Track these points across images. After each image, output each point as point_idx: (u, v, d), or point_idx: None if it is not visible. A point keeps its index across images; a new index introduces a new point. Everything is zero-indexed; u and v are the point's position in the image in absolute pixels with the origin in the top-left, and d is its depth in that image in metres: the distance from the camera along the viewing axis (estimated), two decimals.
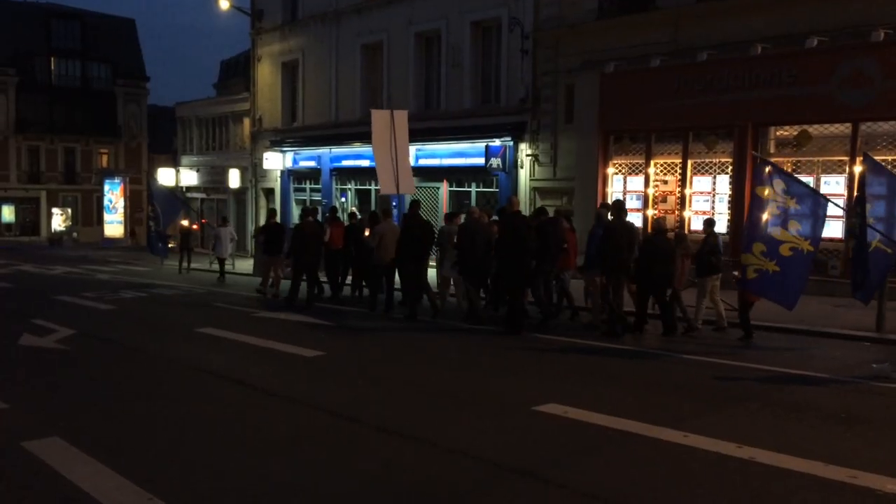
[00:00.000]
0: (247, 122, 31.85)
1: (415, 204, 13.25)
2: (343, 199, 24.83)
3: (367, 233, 14.43)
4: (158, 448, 5.62)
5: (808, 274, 9.99)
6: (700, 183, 16.07)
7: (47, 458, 5.27)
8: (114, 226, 42.78)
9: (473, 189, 21.14)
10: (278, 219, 19.53)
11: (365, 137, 22.93)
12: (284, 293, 14.65)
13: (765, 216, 9.60)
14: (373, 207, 22.12)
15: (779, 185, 9.60)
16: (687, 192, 16.21)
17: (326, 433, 6.02)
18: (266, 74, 28.84)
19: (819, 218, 9.80)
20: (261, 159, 28.20)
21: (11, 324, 11.64)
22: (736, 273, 10.77)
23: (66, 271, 22.85)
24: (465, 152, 20.69)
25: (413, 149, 22.03)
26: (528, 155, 19.55)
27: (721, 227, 15.67)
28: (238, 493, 4.71)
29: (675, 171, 16.23)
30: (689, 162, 16.20)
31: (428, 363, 9.14)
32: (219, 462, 5.29)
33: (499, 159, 19.66)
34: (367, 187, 24.32)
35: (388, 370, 8.61)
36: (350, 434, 5.99)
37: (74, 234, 46.56)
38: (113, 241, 41.17)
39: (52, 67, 53.68)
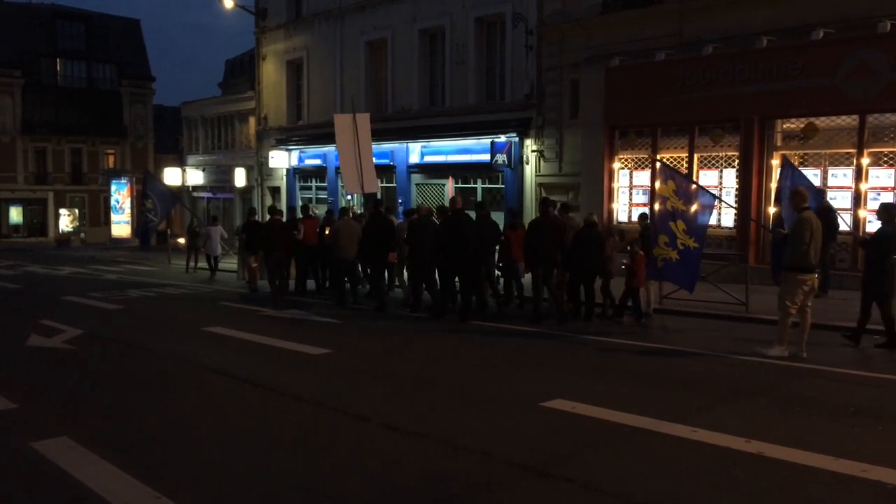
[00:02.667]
0: (252, 120, 31.90)
1: (377, 203, 13.92)
2: (350, 197, 24.82)
3: (327, 231, 15.17)
4: (167, 447, 5.63)
5: (699, 266, 10.86)
6: (706, 177, 16.00)
7: (56, 457, 5.28)
8: (121, 226, 42.87)
9: (479, 185, 21.13)
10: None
11: (372, 135, 23.09)
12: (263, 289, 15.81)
13: (666, 210, 10.71)
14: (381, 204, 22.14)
15: (671, 185, 10.68)
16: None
17: (334, 431, 6.02)
18: (271, 73, 28.86)
19: (703, 216, 10.77)
20: (266, 158, 28.24)
21: (19, 324, 11.68)
22: (625, 262, 11.90)
23: (73, 271, 22.92)
24: (470, 149, 20.66)
25: (418, 146, 22.17)
26: (533, 151, 19.53)
27: (728, 220, 15.63)
28: (246, 492, 4.71)
29: (682, 165, 16.17)
30: (696, 156, 16.14)
31: (434, 360, 9.13)
32: (227, 461, 5.30)
33: (504, 155, 19.63)
34: None
35: (395, 367, 8.61)
36: (357, 432, 5.99)
37: (82, 235, 46.68)
38: (120, 241, 41.26)
39: (58, 68, 53.78)
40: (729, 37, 15.28)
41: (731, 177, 15.69)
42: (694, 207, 10.61)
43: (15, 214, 53.29)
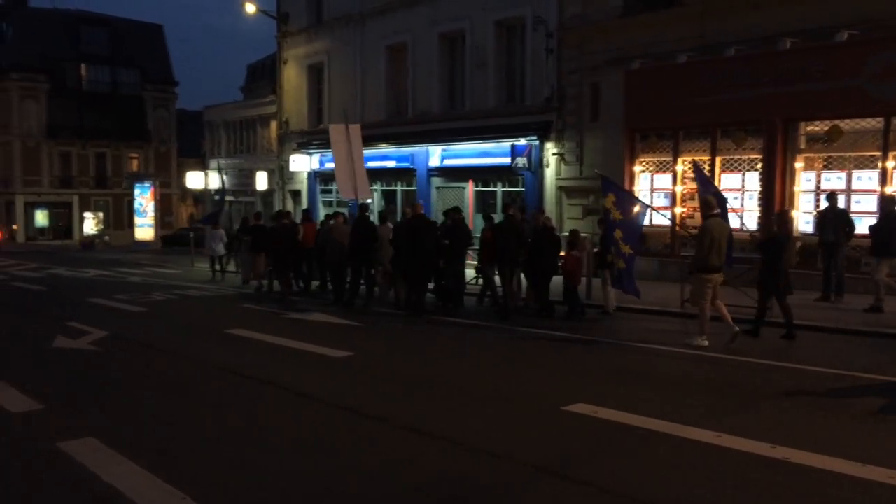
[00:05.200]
0: (274, 124, 32.12)
1: (362, 207, 14.79)
2: (370, 200, 24.92)
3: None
4: (191, 448, 5.69)
5: (634, 270, 11.51)
6: (729, 180, 15.89)
7: (82, 458, 5.35)
8: (144, 229, 43.31)
9: (499, 189, 21.12)
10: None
11: (391, 138, 23.26)
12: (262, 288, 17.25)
13: (610, 221, 11.47)
14: (398, 207, 22.23)
15: (610, 197, 11.38)
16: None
17: (355, 433, 6.06)
18: (292, 77, 29.05)
19: (636, 225, 11.62)
20: (287, 161, 28.41)
21: (46, 326, 11.85)
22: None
23: (98, 274, 23.19)
24: (490, 152, 20.67)
25: (438, 149, 22.22)
26: (553, 154, 19.49)
27: (752, 223, 15.51)
28: (269, 493, 4.75)
29: (704, 168, 16.04)
30: (718, 159, 16.02)
31: (455, 362, 9.14)
32: (250, 462, 5.34)
33: (524, 158, 19.61)
34: (393, 188, 24.42)
35: (416, 370, 8.64)
36: (379, 434, 6.02)
37: (106, 238, 47.25)
38: (143, 244, 41.71)
39: (83, 73, 54.49)
40: (751, 38, 15.16)
41: (753, 180, 15.56)
42: (628, 214, 11.37)
43: (41, 218, 54.02)
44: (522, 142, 19.69)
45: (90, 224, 53.49)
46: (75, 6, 56.38)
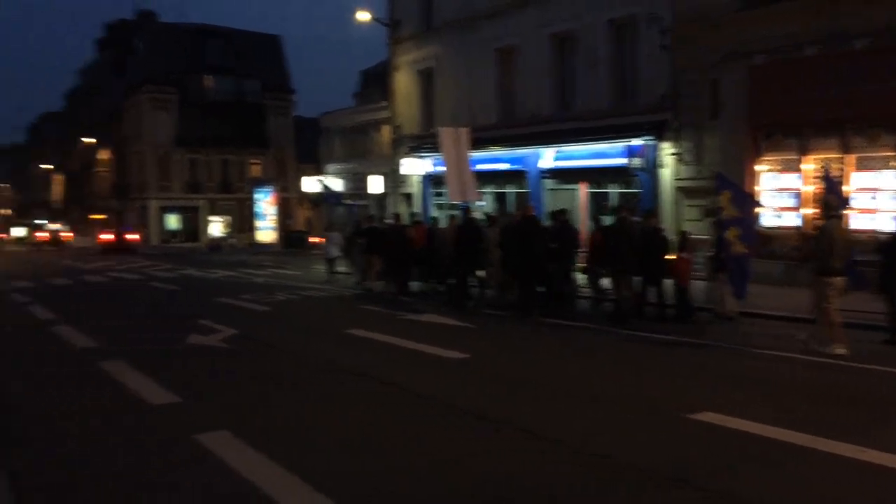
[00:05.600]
0: (386, 129, 32.81)
1: (466, 210, 15.23)
2: (482, 204, 25.06)
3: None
4: (318, 444, 5.92)
5: (750, 270, 11.76)
6: (861, 179, 15.00)
7: (218, 450, 5.66)
8: (266, 232, 45.19)
9: (613, 190, 20.78)
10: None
11: (502, 141, 23.30)
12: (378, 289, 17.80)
13: (724, 219, 11.53)
14: (508, 210, 22.22)
15: (727, 195, 11.44)
16: (847, 188, 15.16)
17: (475, 435, 6.13)
18: (404, 82, 29.59)
19: (754, 224, 11.51)
20: (400, 165, 28.96)
21: (180, 324, 12.59)
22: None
23: (225, 275, 24.39)
24: (603, 153, 20.36)
25: (551, 151, 22.09)
26: (670, 154, 18.99)
27: (888, 224, 14.58)
28: (394, 495, 4.89)
29: (835, 167, 15.22)
30: (849, 157, 15.17)
31: (573, 365, 9.08)
32: (371, 459, 5.51)
33: (640, 159, 19.21)
34: (504, 190, 24.45)
35: (534, 373, 8.63)
36: (497, 437, 6.06)
37: (233, 241, 49.58)
38: (265, 246, 43.54)
39: (207, 84, 57.49)
40: (884, 29, 14.28)
41: (889, 179, 14.63)
42: (746, 213, 11.32)
43: (172, 221, 57.40)
44: (637, 142, 19.29)
45: (217, 227, 56.38)
46: (200, 21, 59.54)
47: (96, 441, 6.10)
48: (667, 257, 12.58)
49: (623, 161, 19.43)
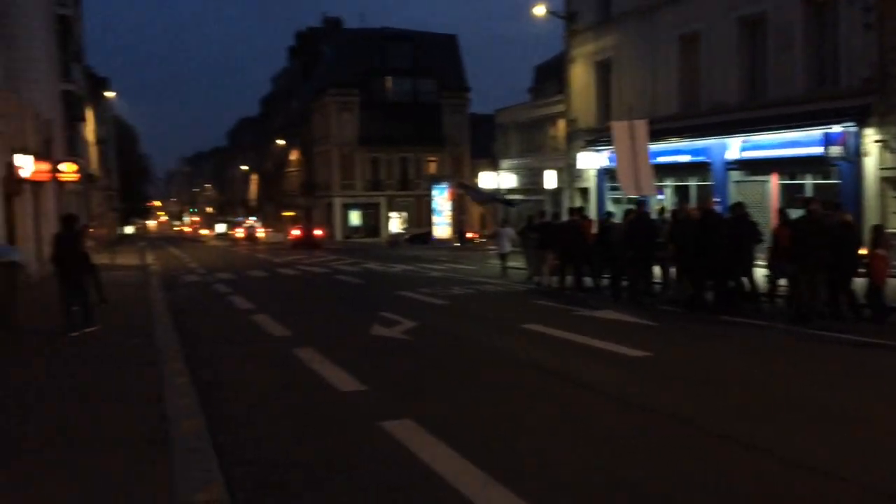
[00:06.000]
0: (561, 123, 32.51)
1: (640, 204, 14.99)
2: (661, 197, 24.20)
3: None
4: (496, 436, 5.92)
5: None
6: None
7: (402, 437, 5.82)
8: (442, 227, 46.31)
9: (808, 181, 19.29)
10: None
11: (684, 132, 22.35)
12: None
13: None
14: (692, 204, 21.25)
15: None
16: None
17: (659, 435, 5.89)
18: (580, 75, 29.15)
19: None
20: (575, 159, 28.58)
21: (364, 315, 13.14)
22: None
23: (403, 269, 25.25)
24: (797, 141, 18.94)
25: (737, 141, 20.91)
26: (875, 141, 17.34)
27: None
28: (578, 488, 4.79)
29: None
30: None
31: (764, 367, 8.49)
32: (552, 454, 5.43)
33: (840, 147, 17.69)
34: (686, 183, 23.45)
35: (721, 373, 8.19)
36: (684, 438, 5.79)
37: (407, 237, 51.32)
38: (441, 241, 44.67)
39: (388, 86, 59.87)
40: None
41: None
42: None
43: (354, 217, 60.40)
44: (836, 129, 17.77)
45: (396, 223, 58.62)
46: (382, 24, 62.15)
47: (290, 422, 6.48)
48: (860, 253, 11.79)
49: (819, 150, 17.98)
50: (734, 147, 21.12)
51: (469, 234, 45.76)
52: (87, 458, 5.36)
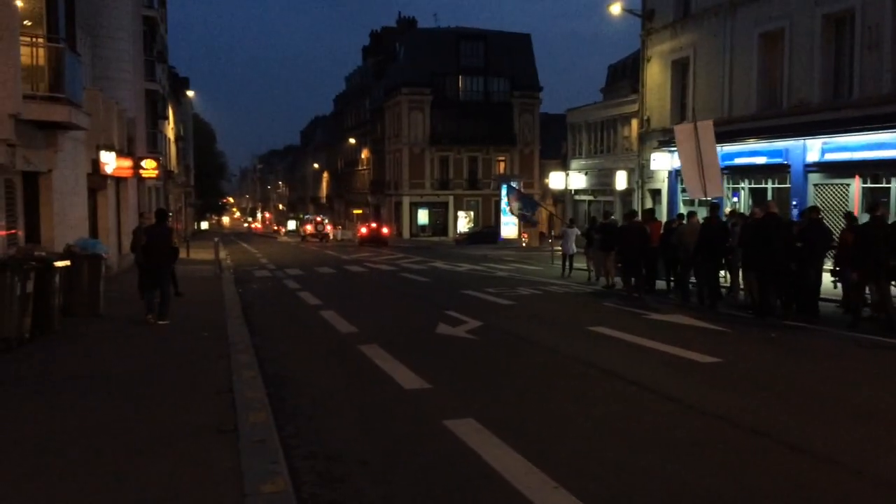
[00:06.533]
0: (634, 123, 31.95)
1: (714, 207, 14.60)
2: (735, 199, 23.53)
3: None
4: (559, 439, 5.85)
5: None
6: None
7: (464, 436, 5.81)
8: (509, 227, 46.13)
9: (893, 185, 18.43)
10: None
11: (762, 132, 21.67)
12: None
13: None
14: (771, 206, 20.59)
15: None
16: None
17: (729, 443, 5.72)
18: (655, 74, 28.58)
19: None
20: (648, 160, 28.04)
21: (430, 314, 13.19)
22: None
23: (470, 268, 25.24)
24: (883, 144, 18.12)
25: (818, 142, 20.15)
26: None
27: None
28: (643, 494, 4.68)
29: None
30: None
31: (838, 377, 8.14)
32: (617, 459, 5.33)
33: None
34: (763, 186, 22.71)
35: (793, 381, 7.90)
36: (754, 447, 5.61)
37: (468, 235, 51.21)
38: (508, 241, 44.53)
39: (460, 85, 60.00)
40: None
41: None
42: None
43: (422, 216, 60.75)
44: None
45: (463, 222, 58.72)
46: (455, 24, 62.30)
47: (354, 418, 6.55)
48: None
49: None
50: (815, 148, 20.35)
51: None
52: (160, 445, 5.52)
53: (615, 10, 27.04)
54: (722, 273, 15.29)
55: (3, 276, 9.19)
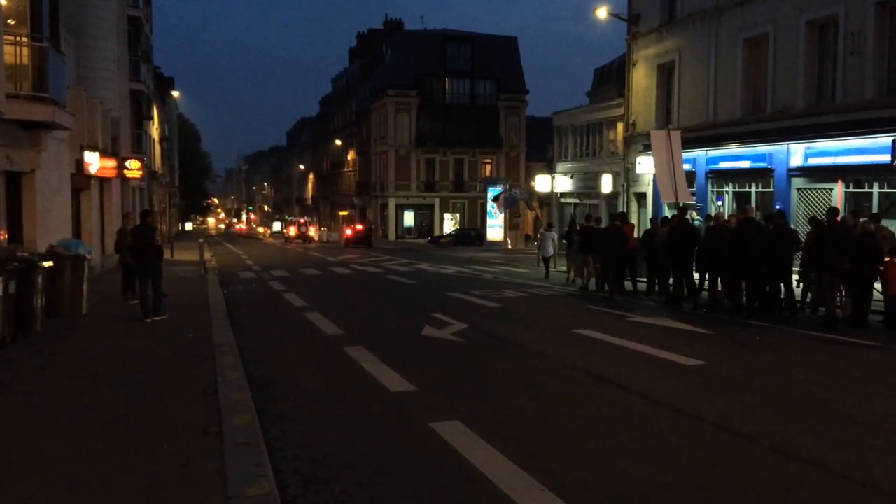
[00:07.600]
0: (619, 127, 32.13)
1: (681, 210, 14.90)
2: (719, 203, 23.70)
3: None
4: (546, 441, 5.86)
5: None
6: None
7: (450, 439, 5.81)
8: (495, 230, 46.22)
9: (875, 190, 18.62)
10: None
11: (746, 137, 21.84)
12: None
13: None
14: (749, 211, 20.75)
15: None
16: None
17: (714, 446, 5.76)
18: (640, 78, 28.74)
19: None
20: (634, 164, 28.19)
21: (415, 316, 13.18)
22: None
23: (456, 271, 25.25)
24: (865, 149, 18.32)
25: (801, 147, 20.35)
26: None
27: None
28: (630, 497, 4.70)
29: None
30: None
31: (820, 380, 8.21)
32: (604, 462, 5.35)
33: None
34: (747, 189, 22.89)
35: (778, 385, 7.95)
36: (740, 450, 5.63)
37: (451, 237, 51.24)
38: (494, 244, 44.62)
39: (446, 87, 60.05)
40: None
41: None
42: None
43: (408, 218, 60.72)
44: None
45: (449, 224, 58.72)
46: (443, 26, 62.34)
47: (340, 420, 6.53)
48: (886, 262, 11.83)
49: (887, 158, 17.35)
50: (798, 153, 20.54)
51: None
52: (145, 446, 5.49)
53: (602, 13, 27.19)
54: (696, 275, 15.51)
55: None
